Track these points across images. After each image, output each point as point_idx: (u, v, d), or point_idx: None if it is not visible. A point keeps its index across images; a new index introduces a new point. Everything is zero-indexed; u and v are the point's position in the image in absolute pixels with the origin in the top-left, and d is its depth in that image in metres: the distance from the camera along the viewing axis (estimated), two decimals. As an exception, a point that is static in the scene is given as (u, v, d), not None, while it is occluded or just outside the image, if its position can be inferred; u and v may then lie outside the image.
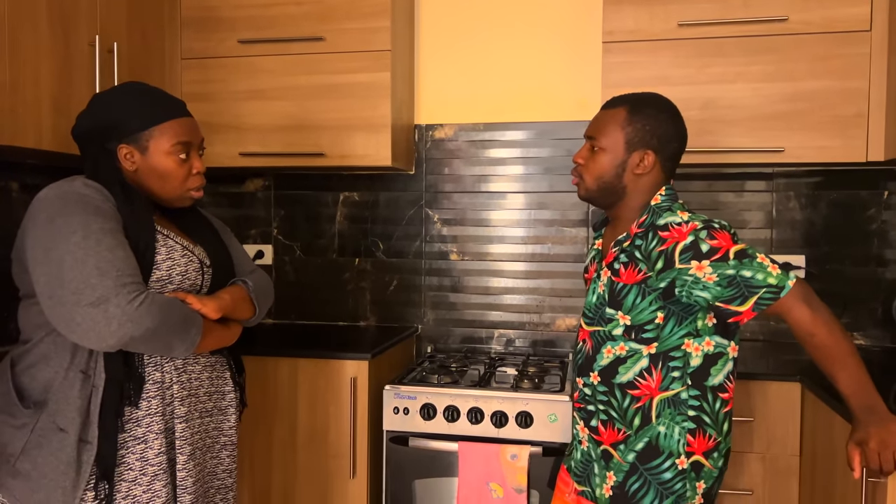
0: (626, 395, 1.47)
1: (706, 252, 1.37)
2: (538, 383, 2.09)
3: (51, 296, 1.23)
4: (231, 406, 1.52)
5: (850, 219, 2.31)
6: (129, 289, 1.24)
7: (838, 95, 2.02)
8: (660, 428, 1.44)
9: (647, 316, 1.44)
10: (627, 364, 1.46)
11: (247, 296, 1.52)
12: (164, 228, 1.41)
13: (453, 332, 2.60)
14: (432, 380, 2.13)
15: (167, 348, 1.32)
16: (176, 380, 1.39)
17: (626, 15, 2.12)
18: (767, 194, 2.37)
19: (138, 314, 1.23)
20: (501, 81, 2.54)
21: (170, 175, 1.41)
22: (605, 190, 1.50)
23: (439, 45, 2.57)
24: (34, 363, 1.32)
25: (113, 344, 1.23)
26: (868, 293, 2.30)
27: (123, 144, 1.38)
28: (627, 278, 1.46)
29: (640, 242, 1.46)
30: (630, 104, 1.49)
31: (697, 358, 1.43)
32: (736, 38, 2.07)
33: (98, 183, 1.33)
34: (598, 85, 2.38)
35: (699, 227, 1.39)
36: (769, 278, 1.35)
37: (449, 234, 2.59)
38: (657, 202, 1.48)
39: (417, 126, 2.59)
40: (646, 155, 1.47)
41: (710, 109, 2.09)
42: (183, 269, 1.39)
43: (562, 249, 2.51)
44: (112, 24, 2.02)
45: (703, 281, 1.37)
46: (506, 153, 2.54)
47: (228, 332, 1.48)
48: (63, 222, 1.25)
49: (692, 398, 1.44)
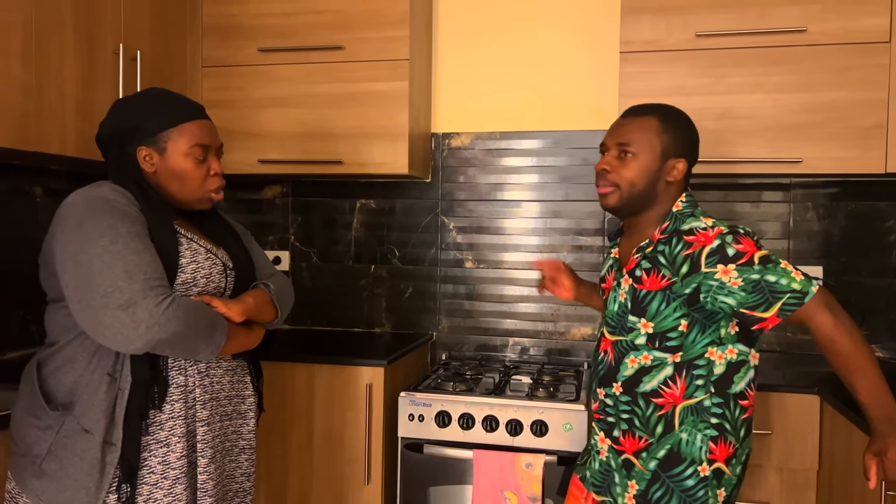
0: (650, 404, 1.46)
1: (732, 256, 1.37)
2: (553, 392, 2.09)
3: (80, 299, 1.25)
4: (250, 410, 1.54)
5: (868, 230, 2.30)
6: (156, 292, 1.25)
7: (857, 106, 2.01)
8: (682, 435, 1.44)
9: (671, 323, 1.44)
10: (652, 373, 1.46)
11: (269, 299, 1.53)
12: (187, 232, 1.42)
13: (468, 339, 2.61)
14: (447, 387, 2.13)
15: (192, 351, 1.33)
16: (199, 383, 1.40)
17: (644, 25, 2.13)
18: (784, 205, 2.36)
19: (165, 317, 1.24)
20: (518, 90, 2.55)
21: (188, 176, 1.42)
22: (638, 197, 1.49)
23: (456, 55, 2.59)
24: (61, 366, 1.34)
25: (140, 346, 1.25)
26: (886, 305, 2.28)
27: (143, 146, 1.40)
28: (650, 285, 1.46)
29: (664, 248, 1.45)
30: (659, 113, 1.50)
31: (721, 366, 1.44)
32: (754, 49, 2.07)
33: (122, 187, 1.36)
34: (615, 94, 2.39)
35: (725, 231, 1.40)
36: (793, 283, 1.36)
37: (464, 242, 2.60)
38: (678, 209, 1.49)
39: (434, 134, 2.61)
40: (678, 163, 1.49)
41: (728, 119, 2.09)
42: (207, 271, 1.40)
43: (577, 258, 2.51)
44: (135, 33, 2.05)
45: (729, 286, 1.37)
46: (522, 162, 2.55)
47: (251, 335, 1.49)
48: (91, 227, 1.26)
49: (715, 405, 1.44)
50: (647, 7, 2.12)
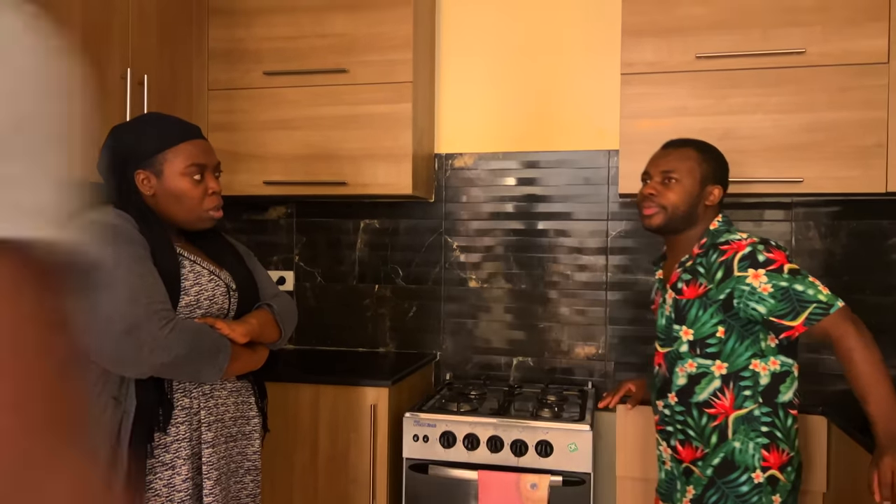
0: (704, 414, 1.57)
1: (763, 262, 1.49)
2: (558, 412, 2.09)
3: (84, 325, 1.26)
4: (255, 431, 1.54)
5: (871, 248, 2.31)
6: (159, 315, 1.27)
7: (857, 126, 2.03)
8: (735, 444, 1.53)
9: (709, 329, 1.55)
10: (702, 384, 1.56)
11: (272, 319, 1.54)
12: (190, 254, 1.44)
13: (472, 358, 2.61)
14: (451, 407, 2.13)
15: (196, 374, 1.35)
16: (203, 405, 1.41)
17: (645, 47, 2.15)
18: (787, 223, 2.37)
19: (168, 341, 1.26)
20: (520, 111, 2.57)
21: (185, 196, 1.43)
22: (681, 217, 1.63)
23: (459, 76, 2.62)
24: None
25: (145, 370, 1.26)
26: (890, 323, 2.28)
27: (140, 170, 1.41)
28: (689, 293, 1.59)
29: (702, 259, 1.59)
30: (696, 146, 1.67)
31: (766, 377, 1.53)
32: (754, 70, 2.09)
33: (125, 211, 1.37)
34: (617, 115, 2.41)
35: (757, 241, 1.53)
36: (819, 295, 1.46)
37: (467, 261, 2.61)
38: (715, 227, 1.63)
39: (437, 155, 2.63)
40: (715, 188, 1.64)
41: (729, 140, 2.10)
42: (210, 293, 1.41)
43: (581, 277, 2.52)
44: (143, 57, 2.08)
45: (759, 292, 1.47)
46: (524, 181, 2.57)
47: (255, 356, 1.50)
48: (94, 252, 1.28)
49: (764, 415, 1.53)
50: (647, 30, 2.15)
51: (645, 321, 2.46)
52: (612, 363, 2.50)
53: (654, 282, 1.82)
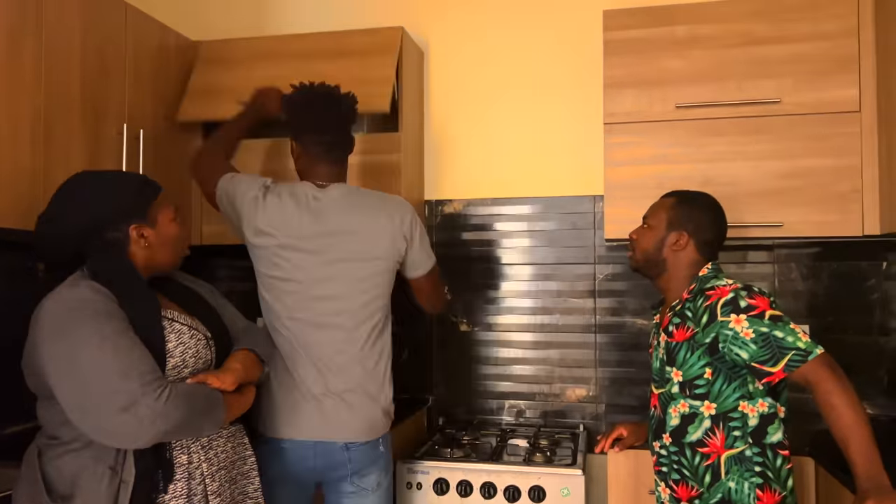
0: (697, 454, 1.62)
1: (744, 307, 1.54)
2: (550, 456, 2.11)
3: (79, 408, 1.27)
4: (253, 470, 1.56)
5: (852, 289, 2.36)
6: (153, 386, 1.27)
7: (833, 172, 2.10)
8: (730, 483, 1.58)
9: (697, 371, 1.61)
10: (695, 424, 1.62)
11: (254, 358, 1.56)
12: (166, 310, 1.43)
13: (464, 403, 2.63)
14: (445, 453, 2.15)
15: (197, 431, 1.38)
16: (203, 458, 1.42)
17: (626, 98, 2.23)
18: (769, 265, 2.43)
19: (167, 409, 1.27)
20: (509, 158, 2.64)
21: (178, 240, 1.50)
22: (650, 261, 1.75)
23: (447, 125, 2.68)
24: (61, 455, 1.33)
25: (147, 441, 1.28)
26: (872, 362, 2.33)
27: (136, 225, 1.43)
28: (678, 336, 1.65)
29: (690, 304, 1.66)
30: (679, 196, 1.78)
31: (754, 418, 1.58)
32: (732, 119, 2.16)
33: (100, 282, 1.35)
34: (601, 161, 2.47)
35: (740, 287, 1.59)
36: (798, 342, 1.50)
37: (458, 305, 2.64)
38: (704, 274, 1.69)
39: (427, 201, 2.68)
40: (680, 236, 1.71)
41: (710, 186, 2.15)
42: (194, 350, 1.43)
43: (570, 320, 2.56)
44: (138, 112, 2.13)
45: (742, 337, 1.52)
46: (513, 227, 2.62)
47: (244, 399, 1.51)
48: (76, 334, 1.27)
49: (755, 455, 1.57)
50: (628, 81, 2.22)
51: (635, 363, 2.49)
52: (603, 405, 2.52)
53: (651, 325, 1.89)
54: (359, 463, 1.77)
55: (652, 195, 1.89)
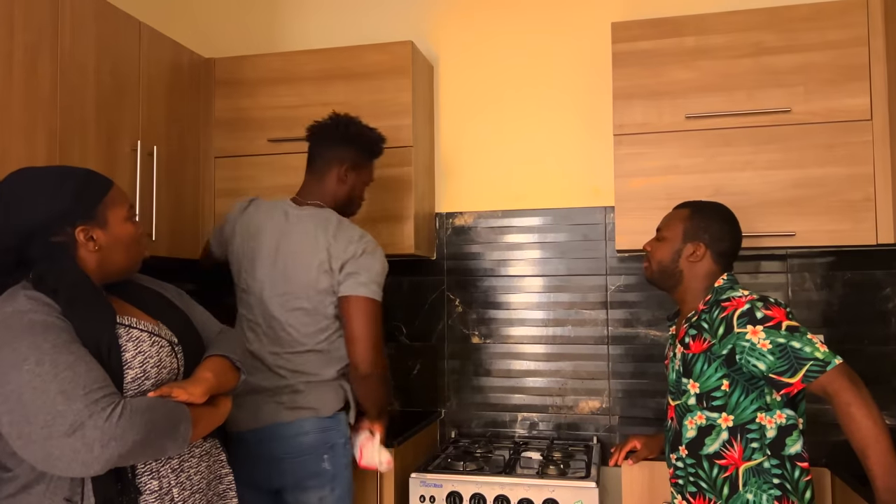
0: (714, 465, 1.60)
1: (760, 319, 1.53)
2: (563, 469, 2.10)
3: (19, 435, 1.10)
4: (230, 489, 1.42)
5: (866, 298, 2.34)
6: (102, 404, 1.11)
7: (845, 181, 2.09)
8: (748, 496, 1.56)
9: (714, 383, 1.60)
10: (712, 436, 1.60)
11: (228, 364, 1.40)
12: (123, 316, 1.26)
13: (476, 415, 2.62)
14: (457, 466, 2.14)
15: (160, 452, 1.21)
16: (175, 482, 1.28)
17: (636, 109, 2.23)
18: (783, 275, 2.41)
19: (120, 430, 1.11)
20: (519, 170, 2.65)
21: (132, 241, 1.33)
22: (665, 272, 1.75)
23: (458, 138, 2.70)
24: (14, 492, 1.19)
25: (99, 468, 1.11)
26: (888, 372, 2.30)
27: (82, 226, 1.25)
28: (695, 348, 1.64)
29: (706, 315, 1.65)
30: (694, 207, 1.77)
31: (772, 430, 1.57)
32: (742, 129, 2.16)
33: (43, 291, 1.19)
34: (611, 172, 2.47)
35: (756, 298, 1.58)
36: (816, 352, 1.49)
37: (470, 318, 2.64)
38: (720, 284, 1.69)
39: (438, 214, 2.69)
40: (697, 247, 1.70)
41: (721, 196, 2.15)
42: (156, 359, 1.26)
43: (582, 332, 2.55)
44: (152, 129, 2.16)
45: (759, 348, 1.51)
46: (523, 238, 2.62)
47: (218, 411, 1.36)
48: (10, 351, 1.12)
49: (774, 467, 1.56)
50: (637, 93, 2.23)
51: (648, 374, 2.48)
52: (616, 417, 2.51)
53: (667, 337, 1.87)
54: None
55: (663, 206, 1.90)
